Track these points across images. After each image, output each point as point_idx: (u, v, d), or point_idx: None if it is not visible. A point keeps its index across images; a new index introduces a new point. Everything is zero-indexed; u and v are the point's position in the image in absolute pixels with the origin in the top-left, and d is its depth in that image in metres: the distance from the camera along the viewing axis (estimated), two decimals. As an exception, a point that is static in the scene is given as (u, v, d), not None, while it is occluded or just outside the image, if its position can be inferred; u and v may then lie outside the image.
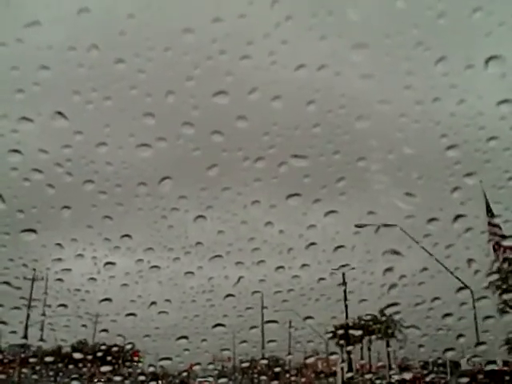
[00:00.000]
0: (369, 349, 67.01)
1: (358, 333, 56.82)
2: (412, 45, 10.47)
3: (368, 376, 41.90)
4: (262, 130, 10.78)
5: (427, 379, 42.95)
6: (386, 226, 14.70)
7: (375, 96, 10.12)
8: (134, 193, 12.57)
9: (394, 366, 59.01)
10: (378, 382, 37.35)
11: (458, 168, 10.22)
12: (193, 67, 10.17)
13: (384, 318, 57.14)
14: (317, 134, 10.67)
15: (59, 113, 8.93)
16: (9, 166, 9.56)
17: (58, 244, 12.43)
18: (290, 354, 53.15)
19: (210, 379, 39.49)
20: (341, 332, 52.98)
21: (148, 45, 11.05)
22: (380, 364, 63.59)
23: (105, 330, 15.87)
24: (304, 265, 13.54)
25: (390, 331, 63.59)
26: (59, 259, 13.88)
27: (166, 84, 10.49)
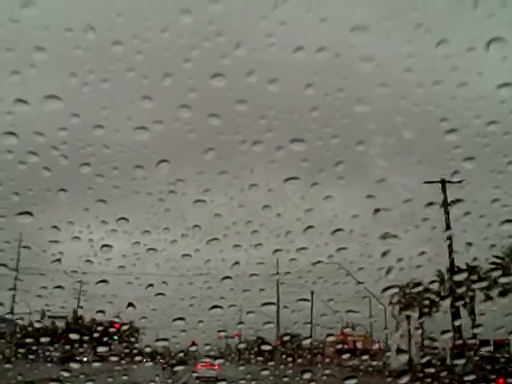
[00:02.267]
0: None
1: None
2: (412, 27, 10.37)
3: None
4: (260, 114, 10.69)
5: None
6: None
7: (375, 79, 10.01)
8: (130, 176, 12.51)
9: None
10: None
11: (458, 152, 10.15)
12: (190, 49, 10.05)
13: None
14: (315, 117, 10.60)
15: (54, 96, 8.83)
16: (4, 149, 9.48)
17: (55, 227, 12.39)
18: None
19: (215, 362, 41.62)
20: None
21: (145, 26, 10.92)
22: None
23: (101, 312, 15.81)
24: (301, 248, 13.52)
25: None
26: (56, 241, 13.85)
27: (163, 66, 10.40)
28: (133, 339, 71.24)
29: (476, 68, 10.62)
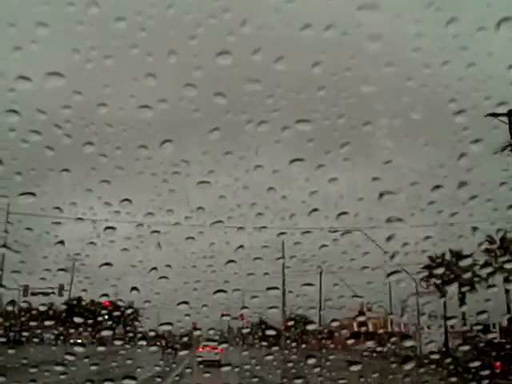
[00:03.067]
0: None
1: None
2: (422, 5, 10.20)
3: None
4: (266, 93, 10.56)
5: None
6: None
7: (382, 58, 9.87)
8: (134, 156, 12.41)
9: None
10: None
11: (466, 134, 10.02)
12: (195, 26, 9.90)
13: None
14: (322, 97, 10.46)
15: (57, 72, 8.70)
16: (6, 127, 9.38)
17: (57, 208, 12.32)
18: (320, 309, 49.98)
19: (216, 344, 40.55)
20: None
21: (149, 1, 10.78)
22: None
23: (105, 295, 15.78)
24: (306, 231, 13.44)
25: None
26: (58, 223, 13.79)
27: (168, 43, 10.25)
28: (137, 323, 71.51)
29: (486, 48, 10.50)
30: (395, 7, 11.18)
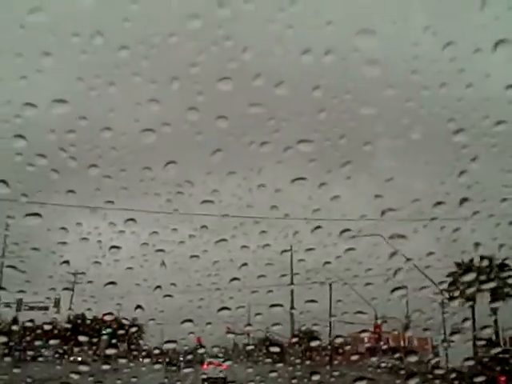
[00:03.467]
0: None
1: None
2: (419, 30, 10.36)
3: None
4: (267, 115, 10.70)
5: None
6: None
7: (381, 81, 10.01)
8: (138, 177, 12.55)
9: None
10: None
11: (465, 152, 10.14)
12: (197, 53, 10.07)
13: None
14: (322, 119, 10.60)
15: (62, 100, 8.88)
16: (13, 151, 9.53)
17: (63, 228, 12.44)
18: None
19: (221, 360, 38.92)
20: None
21: (152, 31, 10.95)
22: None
23: (110, 314, 15.88)
24: (309, 249, 13.52)
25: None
26: (64, 243, 13.90)
27: (170, 70, 10.42)
28: (141, 341, 71.26)
29: (483, 70, 10.61)
30: (392, 32, 11.33)
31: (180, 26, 9.76)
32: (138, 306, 11.90)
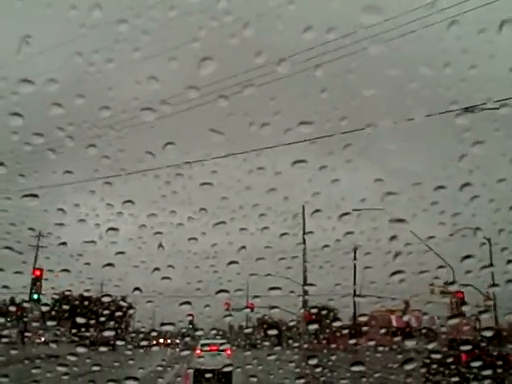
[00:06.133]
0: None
1: None
2: (424, 8, 10.22)
3: None
4: (268, 95, 10.57)
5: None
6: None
7: (385, 60, 9.87)
8: (137, 158, 12.44)
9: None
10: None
11: (467, 136, 10.02)
12: (197, 28, 9.91)
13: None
14: (324, 99, 10.47)
15: (54, 80, 8.75)
16: (9, 130, 9.39)
17: (60, 209, 12.36)
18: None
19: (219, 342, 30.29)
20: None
21: (151, 4, 10.80)
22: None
23: (108, 295, 15.82)
24: (309, 232, 13.44)
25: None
26: (61, 224, 13.81)
27: (170, 45, 10.28)
28: (138, 323, 71.32)
29: (488, 50, 10.48)
30: (397, 9, 11.18)
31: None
32: (136, 288, 11.83)
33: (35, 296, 42.78)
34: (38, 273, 39.17)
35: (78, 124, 10.58)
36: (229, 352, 29.31)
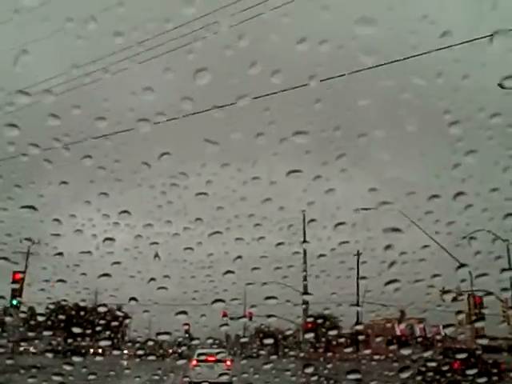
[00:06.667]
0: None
1: None
2: (417, 18, 10.31)
3: None
4: (263, 106, 10.64)
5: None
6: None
7: (378, 71, 9.96)
8: (132, 168, 12.48)
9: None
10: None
11: (461, 145, 10.10)
12: (193, 40, 10.00)
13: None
14: (318, 109, 10.53)
15: (48, 90, 8.81)
16: (5, 141, 9.44)
17: (56, 220, 12.39)
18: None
19: (223, 355, 28.02)
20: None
21: (147, 16, 10.86)
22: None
23: (104, 305, 15.83)
24: (304, 241, 13.48)
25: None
26: (57, 235, 13.84)
27: (165, 57, 10.35)
28: (135, 333, 71.15)
29: (479, 60, 10.58)
30: (390, 20, 11.26)
31: (175, 12, 9.68)
32: (132, 298, 11.85)
33: (14, 302, 41.71)
34: (17, 276, 38.01)
35: (74, 135, 10.62)
36: (228, 363, 27.04)
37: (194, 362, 26.96)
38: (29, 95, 8.73)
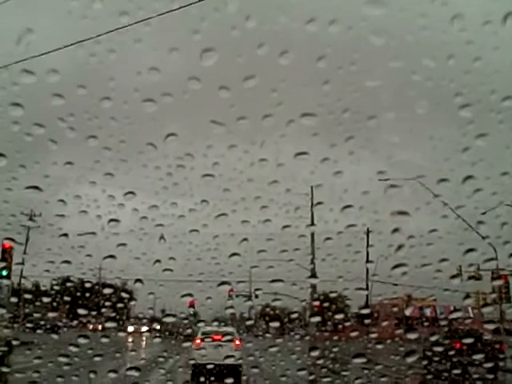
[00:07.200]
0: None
1: None
2: (428, 0, 10.15)
3: None
4: (270, 87, 10.49)
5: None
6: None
7: (388, 52, 9.80)
8: (138, 149, 12.40)
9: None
10: None
11: (471, 128, 9.96)
12: (199, 20, 9.84)
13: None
14: (326, 91, 10.40)
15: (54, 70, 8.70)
16: (10, 120, 9.36)
17: (61, 200, 12.33)
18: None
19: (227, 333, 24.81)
20: None
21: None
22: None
23: (110, 286, 15.78)
24: (310, 224, 13.40)
25: None
26: (62, 215, 13.79)
27: (172, 37, 10.21)
28: (140, 314, 71.54)
29: (492, 42, 10.41)
30: (401, 1, 11.08)
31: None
32: (138, 280, 11.82)
33: (4, 272, 40.94)
34: (7, 245, 36.98)
35: (79, 115, 10.51)
36: (238, 342, 24.17)
37: (198, 341, 23.85)
38: (33, 74, 8.64)
